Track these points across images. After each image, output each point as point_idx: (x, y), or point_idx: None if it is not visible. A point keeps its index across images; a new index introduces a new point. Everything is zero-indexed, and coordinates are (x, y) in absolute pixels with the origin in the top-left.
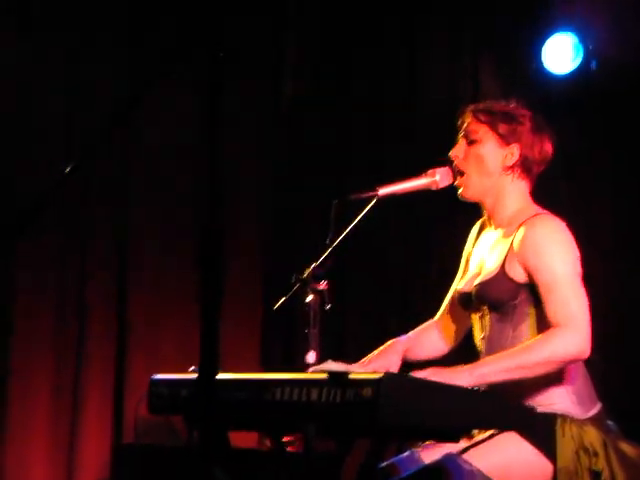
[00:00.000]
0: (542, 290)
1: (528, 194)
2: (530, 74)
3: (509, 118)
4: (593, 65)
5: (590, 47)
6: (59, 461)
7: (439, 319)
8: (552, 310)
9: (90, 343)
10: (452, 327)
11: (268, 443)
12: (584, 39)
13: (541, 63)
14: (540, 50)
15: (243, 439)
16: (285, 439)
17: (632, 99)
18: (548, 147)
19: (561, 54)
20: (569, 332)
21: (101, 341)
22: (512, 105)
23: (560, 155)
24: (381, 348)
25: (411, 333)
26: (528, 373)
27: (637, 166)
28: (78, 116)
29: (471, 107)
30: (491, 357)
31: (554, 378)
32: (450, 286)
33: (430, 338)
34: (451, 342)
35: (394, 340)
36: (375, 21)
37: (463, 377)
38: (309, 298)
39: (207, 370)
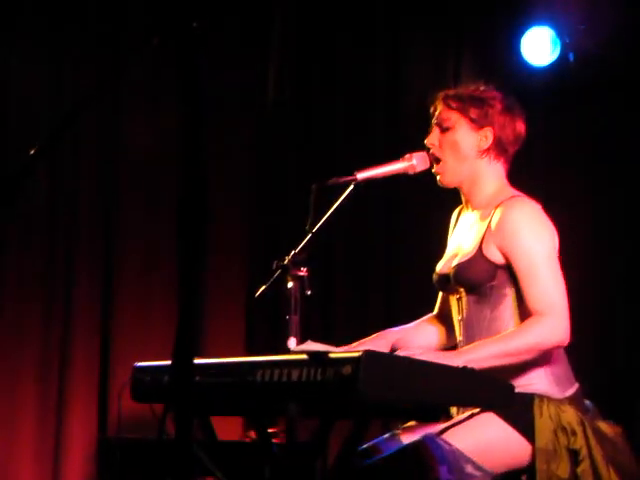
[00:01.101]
0: (520, 275)
1: (504, 177)
2: (509, 66)
3: (479, 102)
4: (571, 58)
5: (567, 40)
6: (45, 456)
7: (438, 313)
8: (532, 297)
9: (75, 335)
10: (450, 320)
11: (252, 435)
12: (561, 32)
13: (520, 55)
14: (519, 43)
15: (227, 432)
16: (270, 430)
17: (609, 91)
18: (521, 126)
19: (539, 47)
20: (550, 321)
21: (86, 333)
22: (482, 88)
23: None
24: (372, 337)
25: (408, 325)
26: (514, 360)
27: (612, 157)
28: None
29: (441, 94)
30: (477, 343)
31: (532, 359)
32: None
33: (426, 331)
34: (450, 336)
35: (387, 330)
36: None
37: (451, 362)
38: (289, 285)
39: (182, 352)
